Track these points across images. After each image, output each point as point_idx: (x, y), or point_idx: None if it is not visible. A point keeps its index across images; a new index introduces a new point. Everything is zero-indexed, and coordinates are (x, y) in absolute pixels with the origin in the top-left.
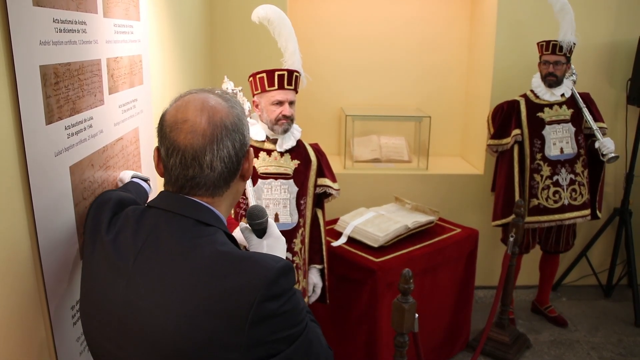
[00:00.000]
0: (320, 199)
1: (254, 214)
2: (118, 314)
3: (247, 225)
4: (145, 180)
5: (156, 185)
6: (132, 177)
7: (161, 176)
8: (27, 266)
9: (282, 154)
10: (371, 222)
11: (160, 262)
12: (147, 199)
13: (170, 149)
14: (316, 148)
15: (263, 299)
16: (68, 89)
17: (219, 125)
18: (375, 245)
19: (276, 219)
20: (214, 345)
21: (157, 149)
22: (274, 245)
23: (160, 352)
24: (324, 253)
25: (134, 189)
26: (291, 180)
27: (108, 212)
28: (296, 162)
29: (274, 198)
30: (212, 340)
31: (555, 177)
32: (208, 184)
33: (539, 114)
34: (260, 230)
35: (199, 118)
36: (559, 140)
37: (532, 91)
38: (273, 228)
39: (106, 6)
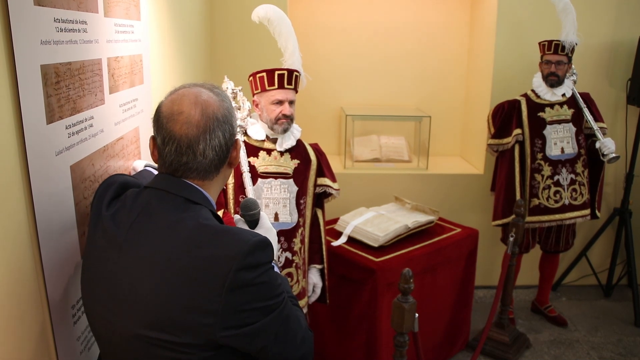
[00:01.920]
0: (320, 198)
1: (247, 205)
2: (110, 279)
3: (240, 217)
4: (157, 169)
5: None
6: (145, 166)
7: (156, 162)
8: (27, 266)
9: (281, 153)
10: (371, 222)
11: (150, 233)
12: None
13: (167, 138)
14: (316, 148)
15: (239, 268)
16: (69, 88)
17: (211, 117)
18: (375, 245)
19: (276, 218)
20: (193, 310)
21: (153, 138)
22: (265, 235)
23: (145, 315)
24: (324, 253)
25: (147, 177)
26: (291, 180)
27: (111, 193)
28: (296, 161)
29: (274, 197)
30: (192, 306)
31: (556, 177)
32: (200, 169)
33: (540, 114)
34: (252, 221)
35: (193, 110)
36: (560, 140)
37: (532, 91)
38: (265, 220)
39: (107, 6)
